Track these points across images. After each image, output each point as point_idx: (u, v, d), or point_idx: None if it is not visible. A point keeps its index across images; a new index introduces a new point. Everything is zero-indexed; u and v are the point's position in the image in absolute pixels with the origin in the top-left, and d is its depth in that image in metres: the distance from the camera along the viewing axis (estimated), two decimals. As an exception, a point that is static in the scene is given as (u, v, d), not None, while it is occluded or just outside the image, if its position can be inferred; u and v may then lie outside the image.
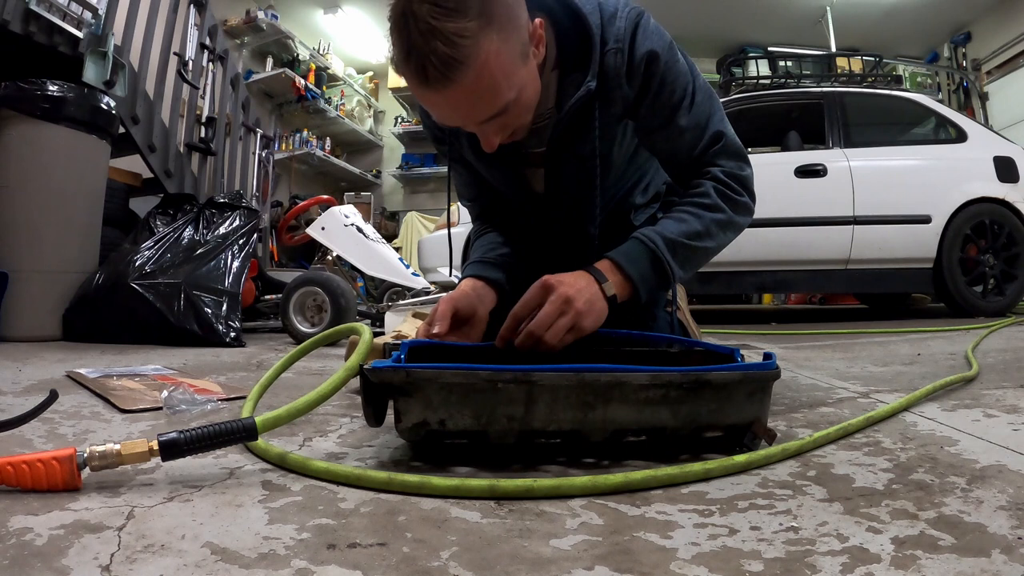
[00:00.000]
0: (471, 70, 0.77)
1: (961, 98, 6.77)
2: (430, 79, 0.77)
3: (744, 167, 1.04)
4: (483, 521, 0.58)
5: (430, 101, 0.83)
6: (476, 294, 1.01)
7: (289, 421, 0.76)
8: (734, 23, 6.53)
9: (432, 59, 0.75)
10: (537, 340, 0.84)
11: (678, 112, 0.98)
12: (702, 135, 1.00)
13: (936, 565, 0.47)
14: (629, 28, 0.94)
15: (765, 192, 3.82)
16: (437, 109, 0.85)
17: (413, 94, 0.84)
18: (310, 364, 1.75)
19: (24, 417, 0.86)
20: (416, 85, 0.80)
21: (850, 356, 1.85)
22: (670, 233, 0.95)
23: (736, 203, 1.01)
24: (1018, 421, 0.93)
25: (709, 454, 0.77)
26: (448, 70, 0.76)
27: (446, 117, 0.87)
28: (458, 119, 0.87)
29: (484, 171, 1.13)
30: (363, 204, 6.64)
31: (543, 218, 1.16)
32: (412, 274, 3.00)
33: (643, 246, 0.94)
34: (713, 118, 1.01)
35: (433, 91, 0.79)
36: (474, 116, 0.84)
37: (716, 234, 0.99)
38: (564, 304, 0.85)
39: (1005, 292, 3.39)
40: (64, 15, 2.90)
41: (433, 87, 0.78)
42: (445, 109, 0.84)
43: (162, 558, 0.49)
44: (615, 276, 0.92)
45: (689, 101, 0.98)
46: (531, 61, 0.87)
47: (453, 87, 0.78)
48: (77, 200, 2.68)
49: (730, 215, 1.00)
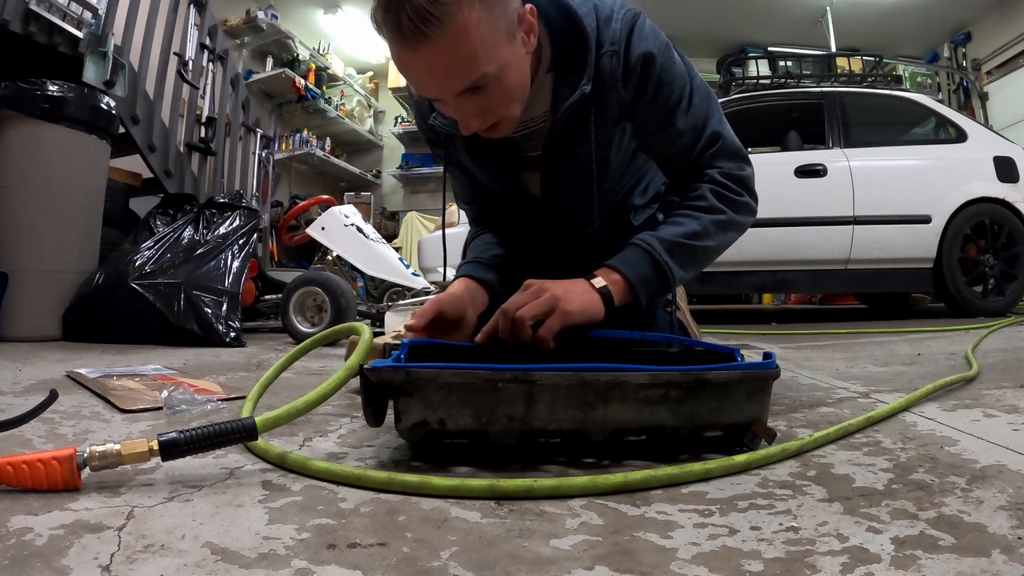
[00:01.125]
0: (447, 30, 0.75)
1: (961, 98, 6.77)
2: (404, 32, 0.75)
3: (744, 167, 1.03)
4: (483, 521, 0.58)
5: (406, 63, 0.81)
6: (469, 295, 1.01)
7: (289, 421, 0.76)
8: (734, 23, 6.53)
9: (408, 9, 0.74)
10: (512, 321, 0.83)
11: (675, 114, 0.97)
12: (700, 136, 0.99)
13: (936, 565, 0.47)
14: (624, 30, 0.94)
15: (765, 192, 3.81)
16: (413, 73, 0.83)
17: (392, 58, 0.82)
18: (310, 364, 1.75)
19: (24, 417, 0.86)
20: (392, 41, 0.78)
21: (850, 356, 1.85)
22: (670, 235, 0.95)
23: (736, 203, 1.01)
24: (1018, 421, 0.93)
25: (709, 454, 0.77)
26: (423, 23, 0.74)
27: (422, 84, 0.84)
28: (433, 86, 0.83)
29: (480, 174, 1.13)
30: (363, 204, 6.64)
31: (539, 220, 1.15)
32: (412, 274, 3.00)
33: (639, 250, 0.94)
34: (711, 119, 1.00)
35: (408, 49, 0.77)
36: (448, 84, 0.82)
37: (715, 234, 0.99)
38: (540, 289, 0.86)
39: (1005, 292, 3.39)
40: (64, 15, 2.89)
41: (408, 42, 0.76)
42: (421, 72, 0.82)
43: (162, 558, 0.49)
44: (611, 277, 0.92)
45: (687, 103, 0.98)
46: (518, 44, 0.85)
47: (427, 45, 0.76)
48: (77, 200, 2.68)
49: (730, 215, 1.00)
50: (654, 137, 1.01)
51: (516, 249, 1.15)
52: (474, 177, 1.15)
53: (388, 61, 7.33)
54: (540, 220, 1.15)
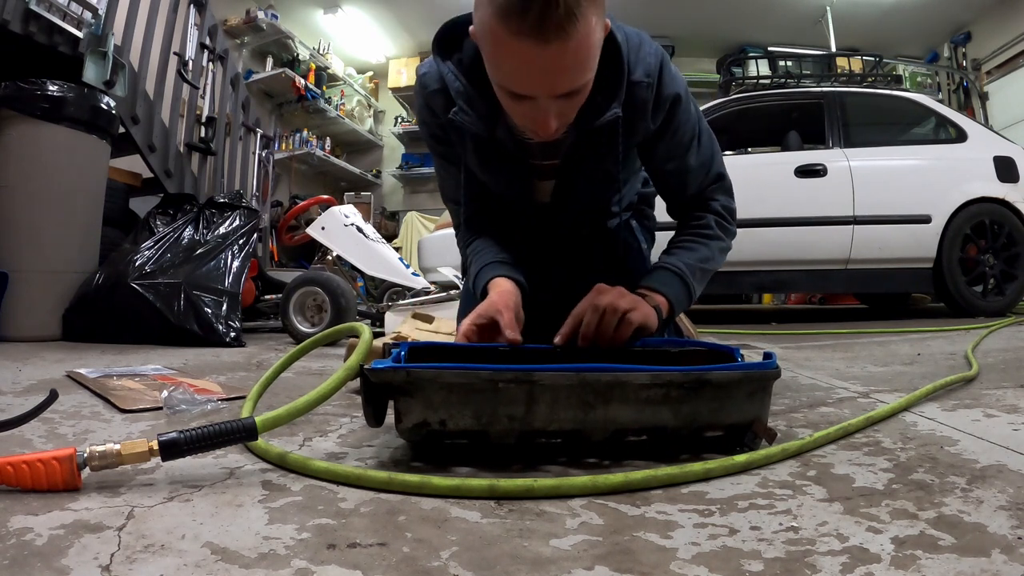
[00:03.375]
0: (580, 31, 0.77)
1: (961, 98, 6.76)
2: (546, 25, 0.75)
3: (732, 201, 1.15)
4: (483, 521, 0.58)
5: (529, 56, 0.79)
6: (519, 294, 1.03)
7: (289, 421, 0.77)
8: (734, 23, 6.52)
9: (560, 4, 0.74)
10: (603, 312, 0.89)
11: (689, 151, 1.07)
12: (707, 174, 1.10)
13: (936, 565, 0.47)
14: (657, 65, 0.99)
15: (765, 192, 3.80)
16: (532, 67, 0.81)
17: (504, 50, 0.80)
18: (310, 364, 1.75)
19: (24, 417, 0.86)
20: (525, 33, 0.77)
21: (850, 356, 1.85)
22: (690, 260, 1.05)
23: (728, 232, 1.13)
24: (1018, 421, 0.93)
25: (709, 454, 0.77)
26: (567, 22, 0.75)
27: (533, 79, 0.83)
28: (546, 83, 0.83)
29: (486, 176, 1.12)
30: (363, 204, 6.63)
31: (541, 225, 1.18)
32: (412, 274, 3.00)
33: (672, 273, 1.04)
34: (715, 159, 1.11)
35: (542, 42, 0.77)
36: (560, 83, 0.83)
37: (717, 257, 1.10)
38: (620, 292, 0.93)
39: (1005, 292, 3.38)
40: (64, 15, 2.89)
41: (545, 35, 0.76)
42: (542, 67, 0.81)
43: (162, 558, 0.49)
44: (657, 298, 1.00)
45: (697, 142, 1.08)
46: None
47: (563, 42, 0.77)
48: (77, 200, 2.69)
49: (727, 242, 1.12)
50: (667, 166, 1.09)
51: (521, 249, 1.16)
52: (473, 179, 1.15)
53: (388, 61, 7.35)
54: (542, 224, 1.18)
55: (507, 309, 0.92)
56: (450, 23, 1.01)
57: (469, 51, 0.99)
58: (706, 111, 3.47)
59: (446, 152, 1.14)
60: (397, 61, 7.26)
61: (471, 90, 0.99)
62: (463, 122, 1.01)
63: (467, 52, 1.00)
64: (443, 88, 1.02)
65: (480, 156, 1.07)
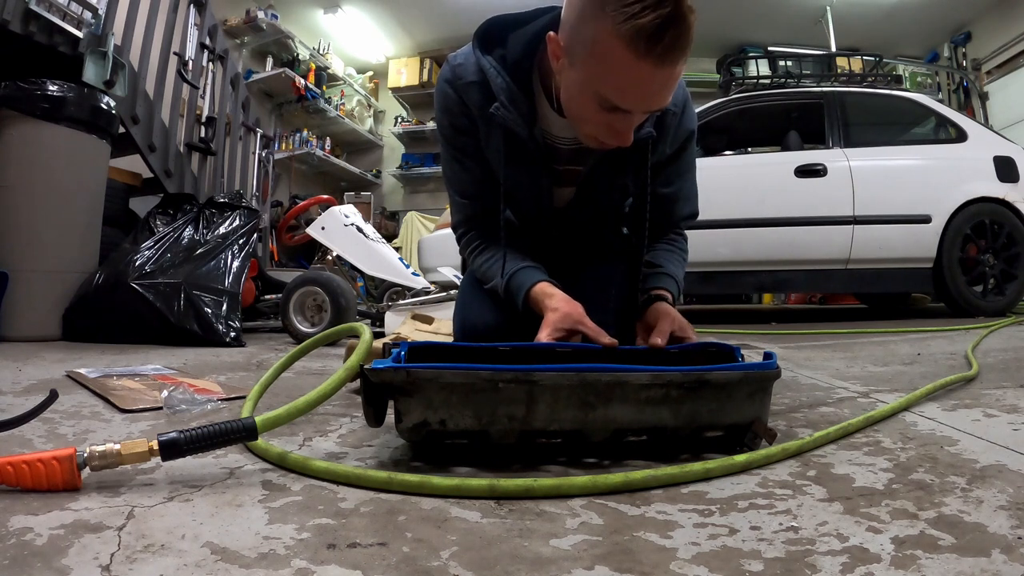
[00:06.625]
0: (687, 57, 0.84)
1: (961, 98, 6.76)
2: (677, 47, 0.80)
3: None
4: (483, 521, 0.58)
5: (652, 75, 0.82)
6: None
7: (289, 421, 0.77)
8: (734, 23, 6.52)
9: (688, 30, 0.80)
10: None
11: (684, 180, 1.20)
12: (688, 206, 1.24)
13: (936, 565, 0.47)
14: (684, 98, 1.09)
15: (765, 192, 3.80)
16: (653, 84, 0.84)
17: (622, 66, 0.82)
18: (310, 364, 1.75)
19: (24, 417, 0.86)
20: (659, 54, 0.79)
21: (850, 356, 1.85)
22: (678, 272, 1.19)
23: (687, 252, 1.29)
24: (1018, 421, 0.93)
25: (709, 454, 0.77)
26: (688, 44, 0.81)
27: (650, 95, 0.87)
28: (656, 99, 0.88)
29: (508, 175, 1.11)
30: (363, 204, 6.63)
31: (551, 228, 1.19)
32: (412, 274, 3.00)
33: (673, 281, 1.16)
34: (695, 196, 1.25)
35: (669, 62, 0.81)
36: (663, 101, 0.89)
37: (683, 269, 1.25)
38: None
39: (1005, 292, 3.38)
40: (64, 15, 2.89)
41: (672, 56, 0.81)
42: (662, 84, 0.85)
43: (162, 558, 0.49)
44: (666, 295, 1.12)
45: (692, 174, 1.22)
46: None
47: (681, 64, 0.83)
48: (77, 200, 2.68)
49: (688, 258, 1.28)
50: (665, 189, 1.17)
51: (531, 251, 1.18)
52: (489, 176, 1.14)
53: (388, 61, 7.35)
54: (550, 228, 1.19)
55: (584, 317, 0.97)
56: (498, 21, 1.05)
57: (515, 50, 1.01)
58: (706, 111, 3.47)
59: (467, 144, 1.12)
60: (397, 61, 7.27)
61: (515, 88, 1.01)
62: (504, 118, 1.02)
63: (512, 50, 1.01)
64: (482, 81, 1.03)
65: (509, 154, 1.07)
